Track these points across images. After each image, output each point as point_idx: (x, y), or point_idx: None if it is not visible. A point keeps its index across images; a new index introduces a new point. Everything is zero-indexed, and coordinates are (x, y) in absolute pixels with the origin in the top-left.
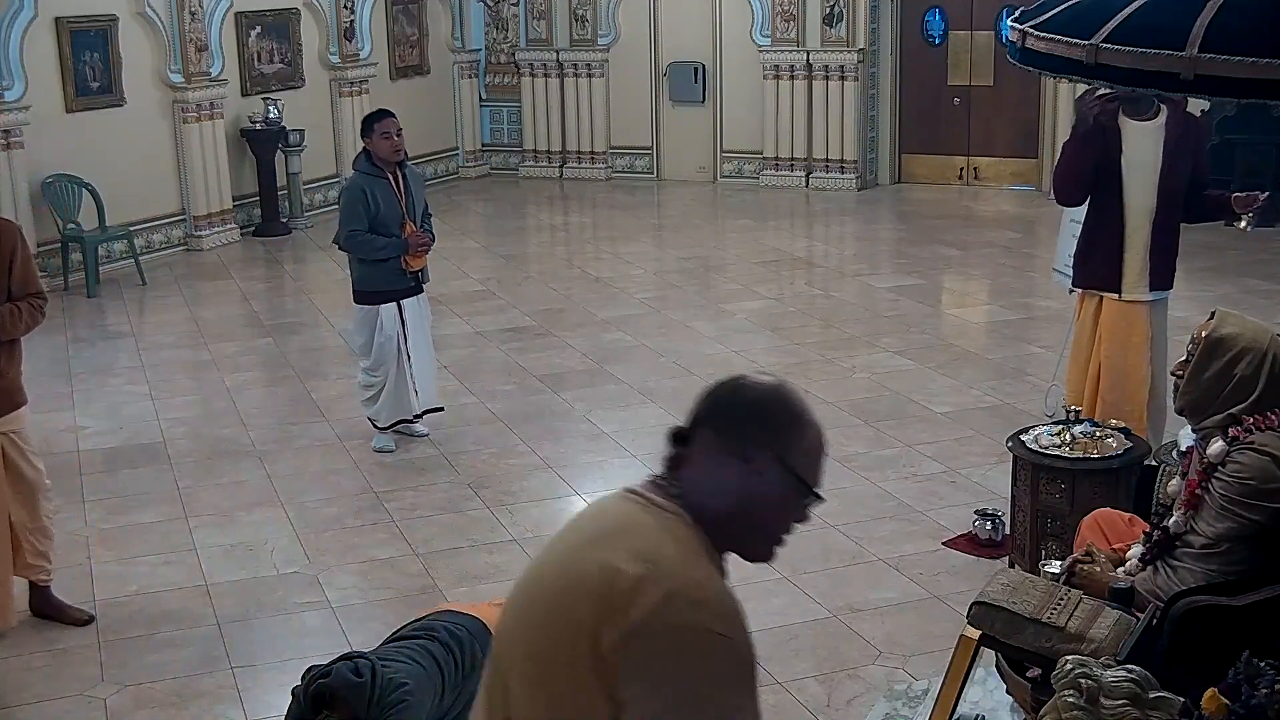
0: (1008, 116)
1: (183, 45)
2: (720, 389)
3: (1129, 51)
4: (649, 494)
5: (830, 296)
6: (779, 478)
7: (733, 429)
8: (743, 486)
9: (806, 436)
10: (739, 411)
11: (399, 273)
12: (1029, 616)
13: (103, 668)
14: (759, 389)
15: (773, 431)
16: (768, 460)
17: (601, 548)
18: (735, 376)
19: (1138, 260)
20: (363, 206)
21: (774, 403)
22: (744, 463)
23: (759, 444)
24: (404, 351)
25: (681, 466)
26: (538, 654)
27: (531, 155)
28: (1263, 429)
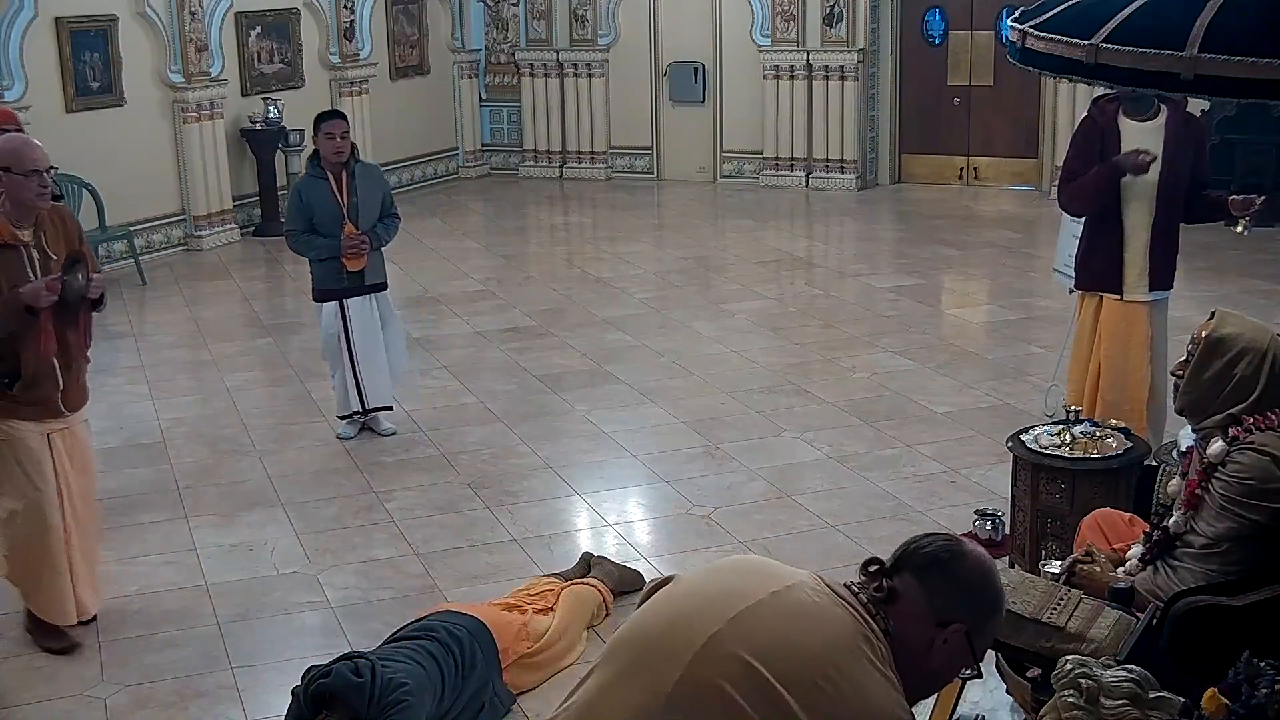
0: (1008, 116)
1: (183, 45)
2: (939, 547)
3: (1129, 51)
4: (866, 616)
5: (830, 296)
6: (959, 647)
7: (940, 593)
8: (932, 647)
9: (995, 621)
10: (952, 580)
11: (337, 273)
12: (1029, 616)
13: (103, 668)
14: (974, 566)
15: (974, 611)
16: (959, 634)
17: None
18: (954, 539)
19: (1138, 260)
20: (296, 208)
21: (983, 583)
22: (939, 628)
23: (959, 617)
24: (347, 349)
25: (891, 604)
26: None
27: (531, 155)
28: (1263, 429)
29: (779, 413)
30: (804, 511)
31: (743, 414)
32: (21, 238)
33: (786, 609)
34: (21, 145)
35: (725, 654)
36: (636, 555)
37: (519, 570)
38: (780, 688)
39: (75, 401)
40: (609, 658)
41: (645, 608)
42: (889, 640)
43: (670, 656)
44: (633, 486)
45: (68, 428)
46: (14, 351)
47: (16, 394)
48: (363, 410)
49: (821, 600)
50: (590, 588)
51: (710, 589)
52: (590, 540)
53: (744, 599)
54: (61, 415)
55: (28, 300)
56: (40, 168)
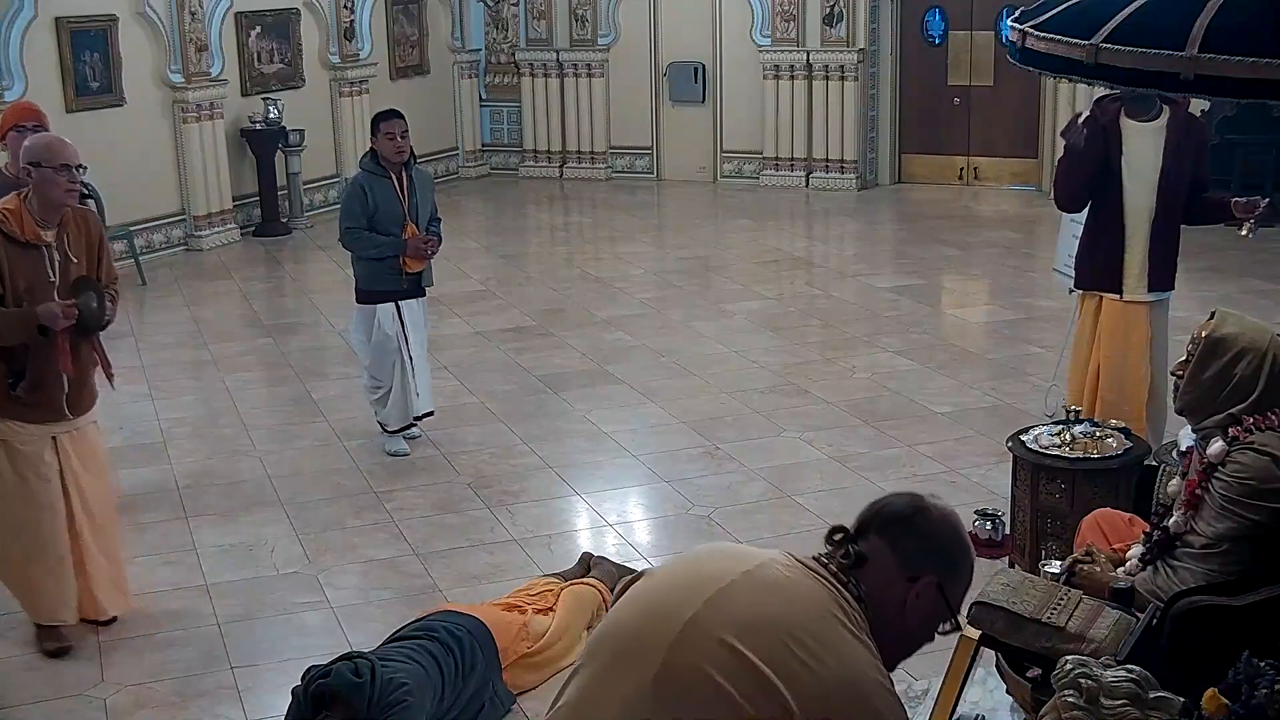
0: (1008, 116)
1: (183, 45)
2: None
3: (1129, 51)
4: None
5: (830, 296)
6: (933, 601)
7: (908, 549)
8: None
9: (965, 570)
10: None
11: (396, 274)
12: (1029, 616)
13: (103, 668)
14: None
15: (941, 561)
16: (930, 586)
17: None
18: (914, 496)
19: (1138, 261)
20: (360, 204)
21: (947, 534)
22: (910, 583)
23: (929, 570)
24: (405, 353)
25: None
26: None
27: (531, 155)
28: (1263, 429)
29: (779, 413)
30: (804, 511)
31: (743, 414)
32: (45, 238)
33: (759, 585)
34: (53, 140)
35: (703, 637)
36: (636, 555)
37: (519, 570)
38: (760, 664)
39: (81, 406)
40: (591, 656)
41: (621, 603)
42: (863, 606)
43: (650, 647)
44: (633, 486)
45: (75, 430)
46: (25, 354)
47: (21, 395)
48: (418, 417)
49: (792, 574)
50: (590, 588)
51: (682, 577)
52: (590, 540)
53: (716, 581)
54: (66, 419)
55: (44, 320)
56: (72, 163)
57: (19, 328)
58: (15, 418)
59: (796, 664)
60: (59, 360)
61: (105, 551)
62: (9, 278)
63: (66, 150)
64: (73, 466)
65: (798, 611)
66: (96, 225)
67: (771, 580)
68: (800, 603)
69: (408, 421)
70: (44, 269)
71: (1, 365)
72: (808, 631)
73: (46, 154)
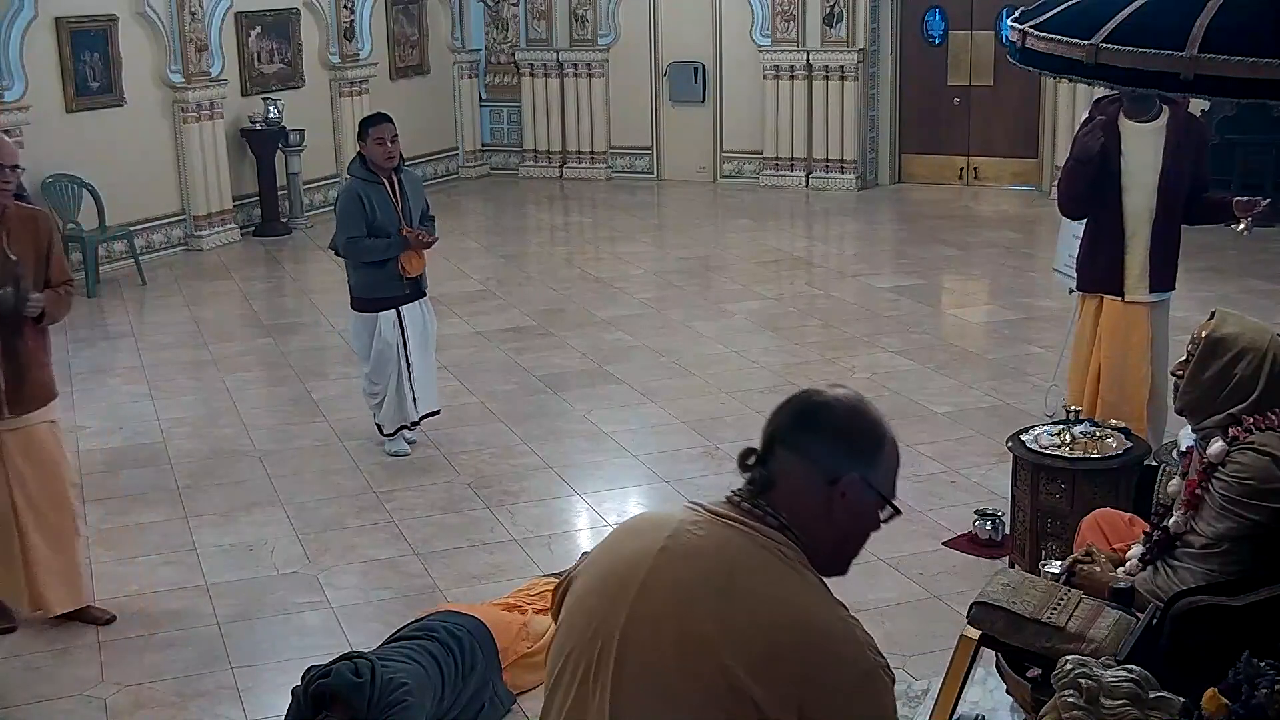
0: (1008, 116)
1: (183, 45)
2: (797, 408)
3: (1129, 51)
4: (752, 523)
5: (830, 296)
6: (862, 497)
7: (816, 453)
8: (831, 510)
9: (886, 453)
10: (822, 435)
11: (396, 279)
12: (1029, 616)
13: (103, 668)
14: (839, 410)
15: (856, 453)
16: (854, 482)
17: (738, 592)
18: (809, 394)
19: (1138, 262)
20: (359, 212)
21: (855, 424)
22: (830, 486)
23: (846, 468)
24: (404, 359)
25: (769, 491)
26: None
27: (531, 155)
28: (1263, 429)
29: None
30: None
31: (743, 414)
32: None
33: (677, 560)
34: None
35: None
36: None
37: (519, 570)
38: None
39: (23, 403)
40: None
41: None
42: (789, 534)
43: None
44: (633, 486)
45: (21, 429)
46: None
47: None
48: (417, 420)
49: (706, 533)
50: None
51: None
52: (590, 540)
53: (636, 572)
54: (4, 417)
55: None
56: (7, 163)
57: None
58: None
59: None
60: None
61: (54, 549)
62: None
63: (5, 151)
64: (15, 462)
65: (722, 573)
66: (46, 225)
67: (687, 550)
68: (722, 562)
69: (401, 424)
70: None
71: None
72: (738, 590)
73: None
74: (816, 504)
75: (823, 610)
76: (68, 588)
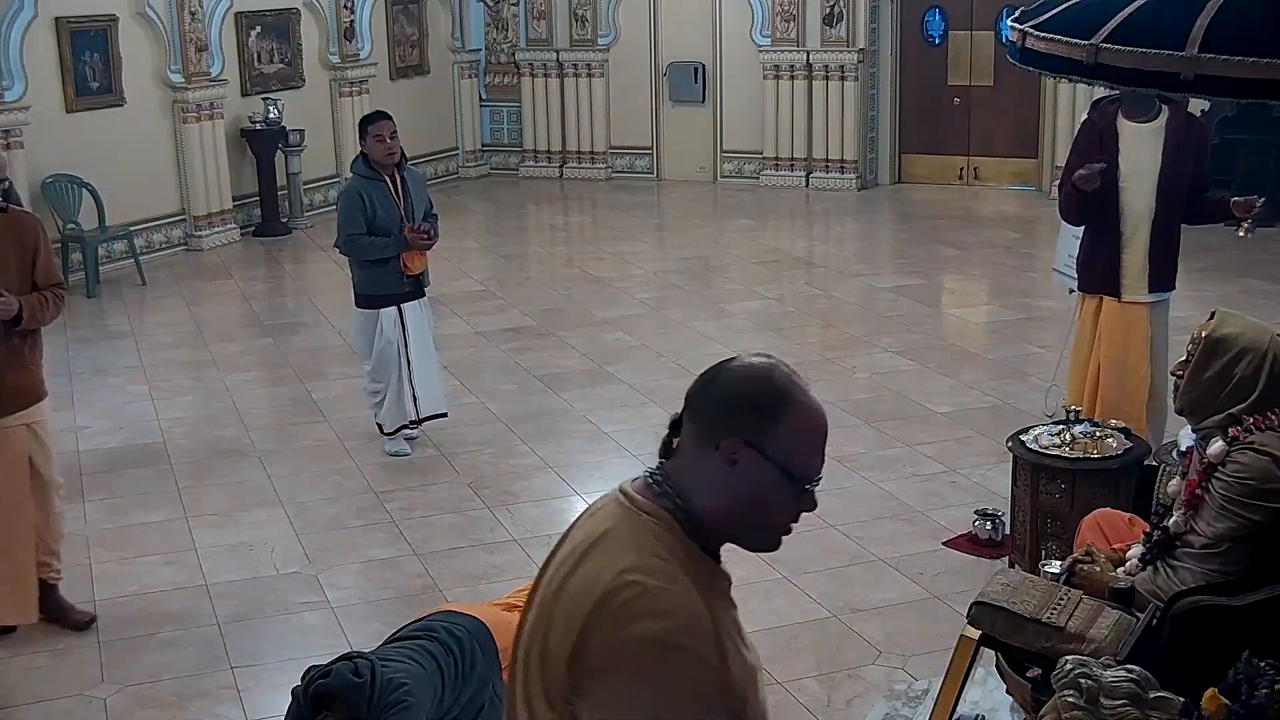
0: (1008, 116)
1: (183, 45)
2: (704, 373)
3: (1129, 51)
4: (635, 494)
5: (830, 296)
6: (757, 467)
7: (707, 417)
8: (720, 478)
9: (786, 420)
10: (714, 398)
11: (398, 276)
12: (1029, 616)
13: (103, 668)
14: (736, 372)
15: (745, 417)
16: (740, 449)
17: (581, 558)
18: (725, 360)
19: (1137, 262)
20: (360, 211)
21: (749, 386)
22: (715, 450)
23: (730, 432)
24: (404, 357)
25: (671, 458)
26: (534, 669)
27: (531, 155)
28: (1263, 429)
29: None
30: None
31: None
32: None
33: (564, 547)
34: None
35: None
36: None
37: (519, 570)
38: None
39: (3, 405)
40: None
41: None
42: (673, 501)
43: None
44: None
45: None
46: None
47: None
48: (418, 420)
49: (599, 513)
50: None
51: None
52: None
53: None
54: None
55: None
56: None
57: None
58: None
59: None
60: None
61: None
62: None
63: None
64: None
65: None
66: (33, 228)
67: (575, 535)
68: (585, 540)
69: (404, 422)
70: None
71: None
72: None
73: None
74: (704, 469)
75: (621, 573)
76: (21, 598)
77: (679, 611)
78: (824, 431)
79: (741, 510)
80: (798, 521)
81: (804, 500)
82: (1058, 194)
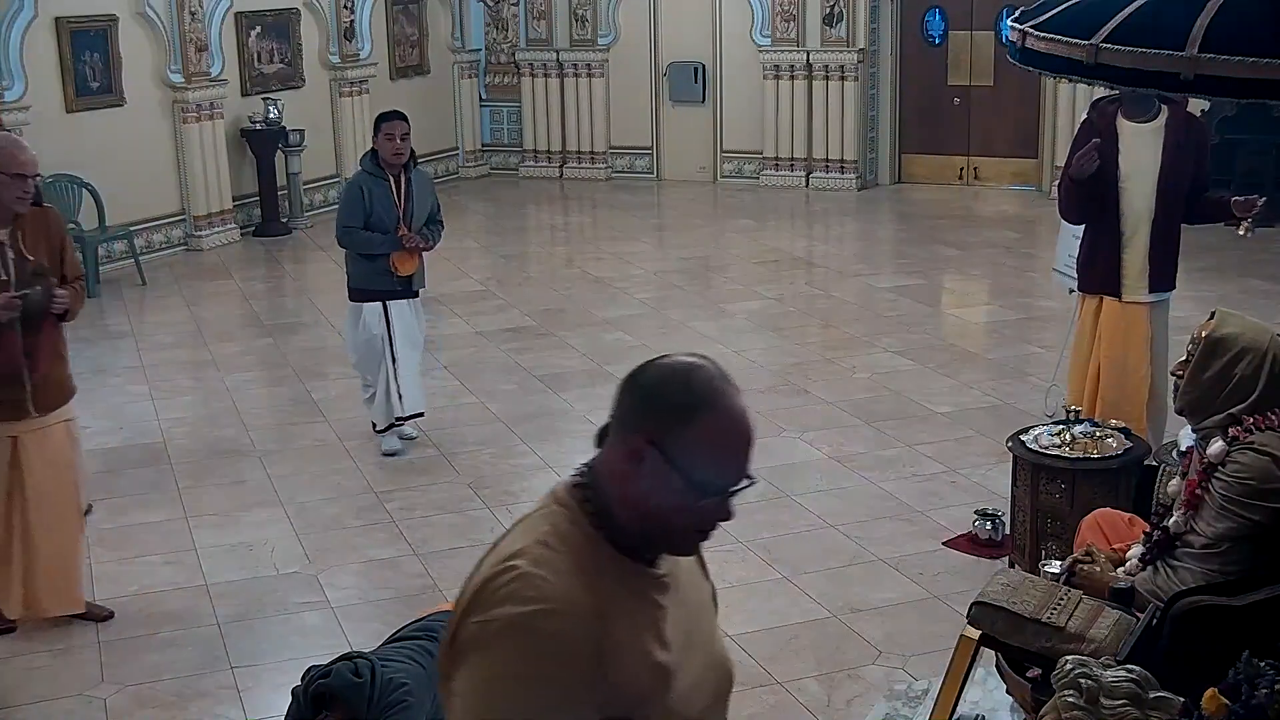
0: (1008, 116)
1: (183, 45)
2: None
3: (1129, 51)
4: (561, 485)
5: (830, 296)
6: (659, 468)
7: (623, 409)
8: (625, 476)
9: (696, 424)
10: (632, 391)
11: (388, 274)
12: (1029, 616)
13: (103, 668)
14: (659, 368)
15: (654, 417)
16: (644, 447)
17: (491, 547)
18: (659, 356)
19: (1137, 262)
20: (358, 204)
21: (665, 384)
22: (624, 447)
23: (638, 428)
24: (389, 354)
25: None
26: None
27: (531, 155)
28: (1263, 429)
29: (779, 413)
30: (804, 511)
31: None
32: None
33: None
34: (11, 147)
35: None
36: None
37: None
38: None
39: (48, 403)
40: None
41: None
42: (588, 497)
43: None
44: None
45: (40, 429)
46: None
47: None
48: (402, 418)
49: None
50: None
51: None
52: None
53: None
54: (29, 416)
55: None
56: (28, 173)
57: None
58: None
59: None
60: (7, 352)
61: (57, 550)
62: None
63: (24, 157)
64: (30, 464)
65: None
66: (58, 223)
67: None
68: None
69: (391, 420)
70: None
71: None
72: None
73: (4, 160)
74: (615, 467)
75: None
76: (65, 591)
77: (547, 599)
78: (739, 443)
79: (643, 509)
80: (712, 528)
81: (712, 509)
82: (1058, 194)
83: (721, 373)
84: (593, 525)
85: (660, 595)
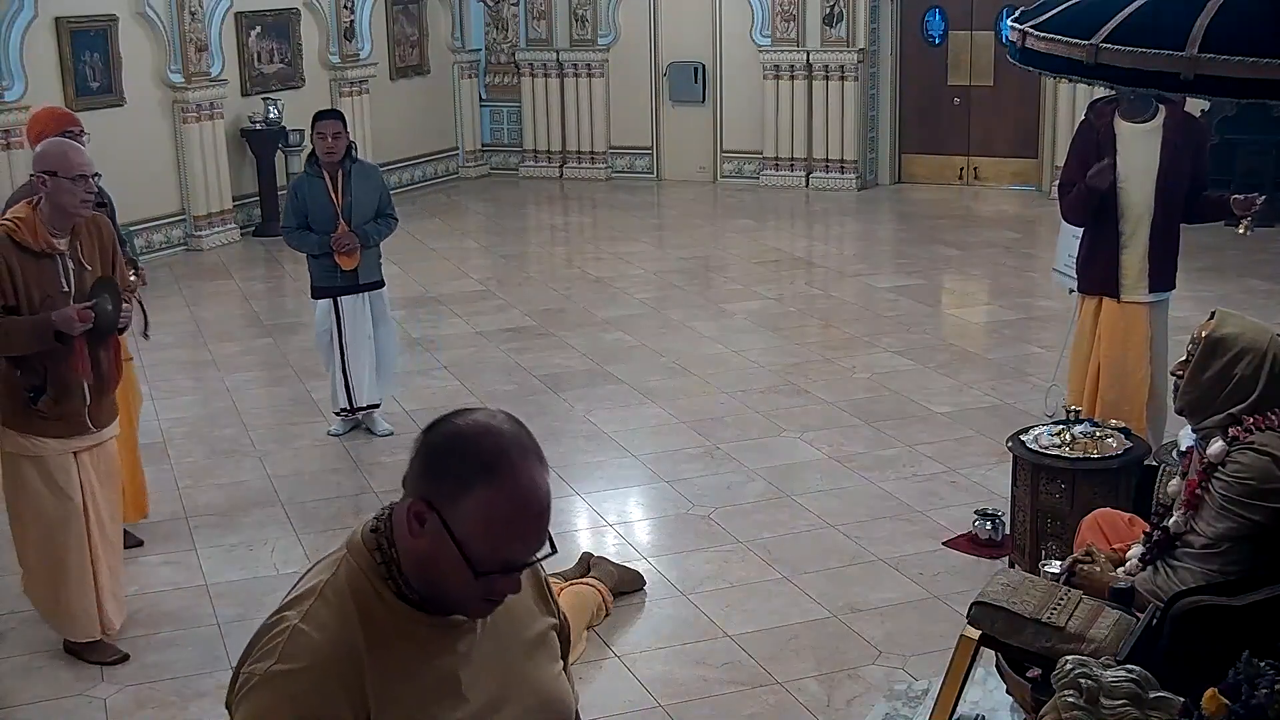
0: (1008, 116)
1: (183, 45)
2: (428, 425)
3: (1129, 51)
4: (360, 529)
5: (830, 296)
6: (436, 534)
7: (410, 471)
8: (408, 536)
9: (475, 496)
10: (418, 453)
11: (334, 271)
12: (1029, 616)
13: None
14: (453, 426)
15: (435, 482)
16: (425, 512)
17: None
18: (464, 409)
19: (1136, 262)
20: (292, 204)
21: (450, 449)
22: (407, 507)
23: (419, 489)
24: (338, 348)
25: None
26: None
27: (531, 155)
28: (1263, 429)
29: (779, 413)
30: (804, 511)
31: (742, 414)
32: (58, 247)
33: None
34: (70, 149)
35: None
36: (636, 555)
37: None
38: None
39: (104, 418)
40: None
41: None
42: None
43: None
44: (633, 486)
45: (98, 444)
46: (43, 365)
47: (43, 409)
48: (351, 408)
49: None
50: (590, 588)
51: None
52: (590, 540)
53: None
54: (89, 432)
55: (59, 326)
56: (87, 173)
57: (35, 336)
58: (38, 433)
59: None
60: (78, 367)
61: (112, 565)
62: (23, 288)
63: (82, 159)
64: (91, 481)
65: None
66: (109, 231)
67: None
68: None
69: (338, 407)
70: (58, 278)
71: (21, 379)
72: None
73: (62, 163)
74: (401, 524)
75: (279, 611)
76: (120, 601)
77: (310, 656)
78: (523, 519)
79: (426, 572)
80: (500, 598)
81: (496, 582)
82: (1058, 195)
83: (519, 439)
84: (379, 576)
85: (459, 643)
